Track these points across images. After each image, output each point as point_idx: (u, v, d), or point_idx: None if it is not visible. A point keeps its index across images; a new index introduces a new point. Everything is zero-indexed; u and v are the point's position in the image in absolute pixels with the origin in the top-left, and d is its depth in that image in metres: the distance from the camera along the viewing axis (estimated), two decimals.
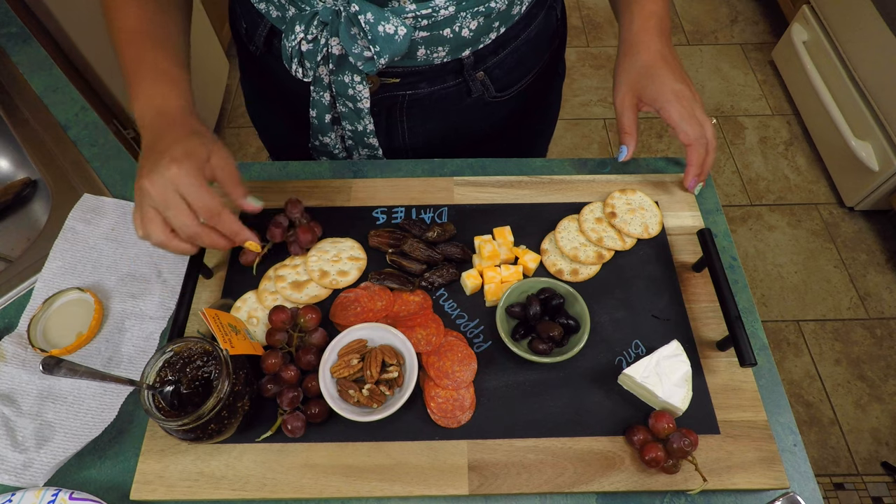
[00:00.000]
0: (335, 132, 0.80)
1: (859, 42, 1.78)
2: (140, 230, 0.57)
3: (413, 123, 0.80)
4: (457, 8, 0.63)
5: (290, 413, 0.59)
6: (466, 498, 0.58)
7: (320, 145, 0.82)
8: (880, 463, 1.50)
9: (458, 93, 0.76)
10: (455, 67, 0.72)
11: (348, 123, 0.77)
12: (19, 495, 0.56)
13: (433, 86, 0.74)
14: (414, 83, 0.73)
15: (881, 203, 1.86)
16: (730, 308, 0.62)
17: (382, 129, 0.80)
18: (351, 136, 0.79)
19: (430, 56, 0.68)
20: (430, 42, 0.66)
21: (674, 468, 0.57)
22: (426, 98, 0.76)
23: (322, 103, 0.74)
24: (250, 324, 0.67)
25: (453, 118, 0.80)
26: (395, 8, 0.62)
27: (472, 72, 0.74)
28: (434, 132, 0.82)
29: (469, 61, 0.72)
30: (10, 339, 0.66)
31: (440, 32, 0.65)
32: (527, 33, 0.75)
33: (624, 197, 0.75)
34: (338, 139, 0.81)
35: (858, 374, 1.63)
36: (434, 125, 0.81)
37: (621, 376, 0.62)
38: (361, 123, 0.76)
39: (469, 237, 0.73)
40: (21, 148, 0.86)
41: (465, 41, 0.68)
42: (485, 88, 0.77)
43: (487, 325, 0.68)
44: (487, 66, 0.74)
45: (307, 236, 0.71)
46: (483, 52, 0.72)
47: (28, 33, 0.97)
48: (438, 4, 0.62)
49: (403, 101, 0.76)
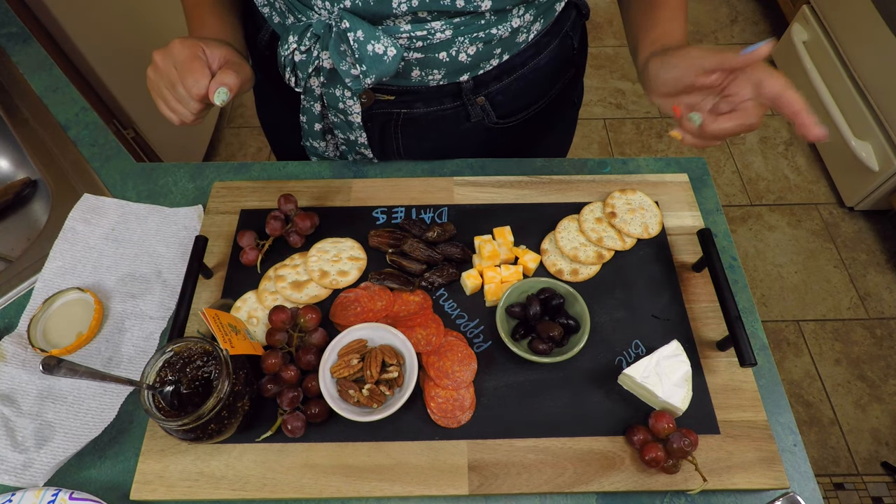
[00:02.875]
0: (326, 140, 0.79)
1: (859, 42, 1.78)
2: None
3: (408, 141, 0.78)
4: (454, 32, 0.61)
5: (290, 413, 0.59)
6: (466, 498, 0.58)
7: (311, 147, 0.81)
8: (880, 463, 1.50)
9: (456, 116, 0.74)
10: (453, 90, 0.70)
11: (340, 132, 0.75)
12: (19, 495, 0.56)
13: (429, 107, 0.72)
14: (409, 102, 0.72)
15: (881, 203, 1.86)
16: (730, 308, 0.62)
17: (376, 141, 0.78)
18: (344, 143, 0.78)
19: (426, 78, 0.67)
20: (424, 64, 0.65)
21: (674, 468, 0.57)
22: (422, 118, 0.74)
23: (312, 112, 0.73)
24: (250, 324, 0.67)
25: (450, 140, 0.78)
26: (388, 27, 0.60)
27: (471, 96, 0.71)
28: (430, 151, 0.80)
29: (468, 85, 0.69)
30: (10, 339, 0.66)
31: (436, 55, 0.63)
32: (535, 61, 0.72)
33: (624, 197, 0.75)
34: (330, 145, 0.80)
35: (858, 374, 1.63)
36: (430, 144, 0.79)
37: (621, 376, 0.62)
38: (353, 134, 0.74)
39: (469, 237, 0.73)
40: (21, 148, 0.86)
41: (463, 66, 0.66)
42: (485, 114, 0.74)
43: (487, 325, 0.68)
44: (489, 92, 0.71)
45: (306, 223, 0.71)
46: (484, 78, 0.69)
47: (28, 33, 0.97)
48: (434, 27, 0.60)
49: (398, 119, 0.74)
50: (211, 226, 0.75)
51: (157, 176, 0.81)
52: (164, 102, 0.60)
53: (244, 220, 0.75)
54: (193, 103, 0.58)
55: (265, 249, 0.71)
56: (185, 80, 0.57)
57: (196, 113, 0.59)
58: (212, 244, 0.73)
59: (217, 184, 0.78)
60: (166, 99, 0.59)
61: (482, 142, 0.80)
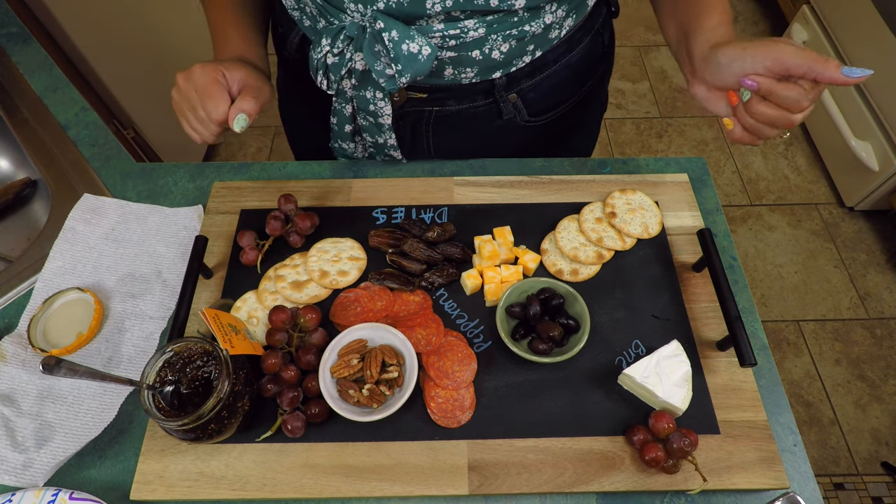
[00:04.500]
0: (356, 142, 0.79)
1: (859, 42, 1.78)
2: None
3: (439, 139, 0.78)
4: (487, 30, 0.61)
5: (290, 413, 0.59)
6: (466, 498, 0.58)
7: (339, 148, 0.81)
8: (880, 463, 1.50)
9: (489, 113, 0.74)
10: (485, 88, 0.70)
11: (369, 136, 0.75)
12: (19, 495, 0.56)
13: (461, 104, 0.72)
14: (441, 100, 0.72)
15: (881, 203, 1.86)
16: (730, 308, 0.62)
17: (406, 142, 0.79)
18: (372, 146, 0.78)
19: (458, 76, 0.67)
20: (457, 62, 0.65)
21: (674, 468, 0.57)
22: (454, 115, 0.74)
23: (343, 114, 0.73)
24: (250, 324, 0.67)
25: (481, 138, 0.78)
26: (421, 27, 0.60)
27: (503, 93, 0.71)
28: (460, 149, 0.80)
29: (501, 82, 0.70)
30: (10, 339, 0.66)
31: (468, 54, 0.64)
32: (567, 58, 0.72)
33: (624, 197, 0.75)
34: (359, 146, 0.80)
35: (858, 374, 1.63)
36: (460, 142, 0.79)
37: (621, 376, 0.62)
38: (382, 137, 0.74)
39: (469, 237, 0.73)
40: (21, 148, 0.86)
41: (496, 63, 0.66)
42: (517, 111, 0.74)
43: (487, 325, 0.68)
44: (521, 89, 0.72)
45: (306, 223, 0.71)
46: (517, 75, 0.69)
47: (28, 33, 0.97)
48: (468, 26, 0.60)
49: (430, 117, 0.75)
50: (211, 226, 0.75)
51: (157, 176, 0.81)
52: (187, 122, 0.63)
53: (244, 220, 0.75)
54: (213, 126, 0.61)
55: (265, 249, 0.71)
56: (205, 105, 0.59)
57: (216, 134, 0.62)
58: (212, 244, 0.73)
59: (217, 184, 0.78)
60: (189, 120, 0.62)
61: (512, 140, 0.80)
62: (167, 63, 1.71)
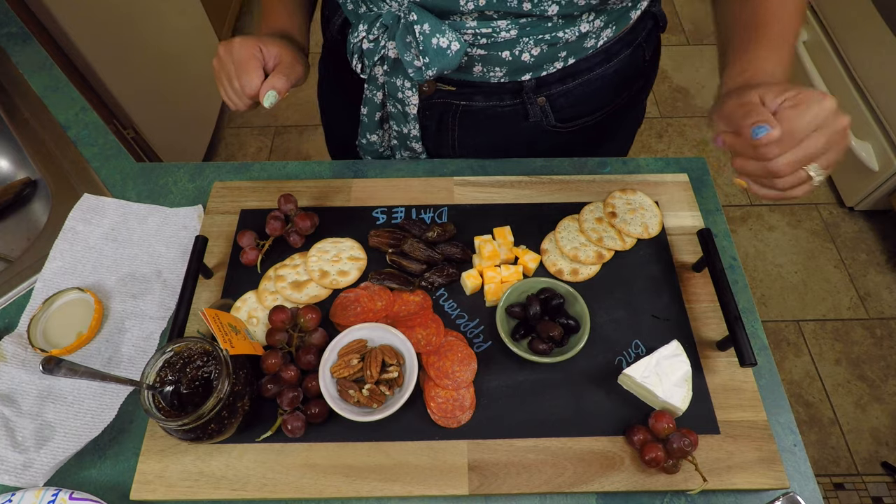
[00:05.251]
0: (383, 130, 0.80)
1: (859, 42, 1.78)
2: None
3: (463, 134, 0.79)
4: (519, 32, 0.62)
5: (290, 413, 0.59)
6: (466, 498, 0.58)
7: (367, 143, 0.82)
8: (880, 463, 1.50)
9: (515, 114, 0.74)
10: (514, 88, 0.71)
11: (395, 124, 0.77)
12: (19, 495, 0.56)
13: (488, 101, 0.73)
14: (469, 94, 0.72)
15: (881, 203, 1.86)
16: (730, 308, 0.62)
17: (432, 134, 0.79)
18: (396, 137, 0.79)
19: (487, 74, 0.68)
20: (486, 61, 0.66)
21: (674, 468, 0.57)
22: (480, 112, 0.74)
23: (374, 101, 0.75)
24: (250, 324, 0.67)
25: (506, 137, 0.79)
26: (454, 22, 0.61)
27: (531, 95, 0.71)
28: (484, 146, 0.81)
29: (529, 84, 0.70)
30: (10, 339, 0.66)
31: (499, 53, 0.64)
32: (604, 69, 0.71)
33: (624, 197, 0.75)
34: (383, 137, 0.81)
35: (858, 374, 1.63)
36: (485, 139, 0.79)
37: (621, 376, 0.62)
38: (407, 126, 0.76)
39: (469, 237, 0.73)
40: (21, 148, 0.86)
41: (525, 66, 0.66)
42: (544, 115, 0.74)
43: (487, 325, 0.68)
44: (551, 94, 0.71)
45: (306, 223, 0.71)
46: (547, 79, 0.69)
47: (28, 33, 0.97)
48: (500, 26, 0.61)
49: (457, 110, 0.75)
50: (211, 226, 0.75)
51: (157, 176, 0.81)
52: (224, 91, 0.66)
53: (244, 220, 0.75)
54: (246, 98, 0.64)
55: (265, 249, 0.71)
56: (240, 78, 0.63)
57: (248, 106, 0.65)
58: (212, 244, 0.73)
59: (217, 184, 0.78)
60: (225, 88, 0.65)
61: (538, 144, 0.80)
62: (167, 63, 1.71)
